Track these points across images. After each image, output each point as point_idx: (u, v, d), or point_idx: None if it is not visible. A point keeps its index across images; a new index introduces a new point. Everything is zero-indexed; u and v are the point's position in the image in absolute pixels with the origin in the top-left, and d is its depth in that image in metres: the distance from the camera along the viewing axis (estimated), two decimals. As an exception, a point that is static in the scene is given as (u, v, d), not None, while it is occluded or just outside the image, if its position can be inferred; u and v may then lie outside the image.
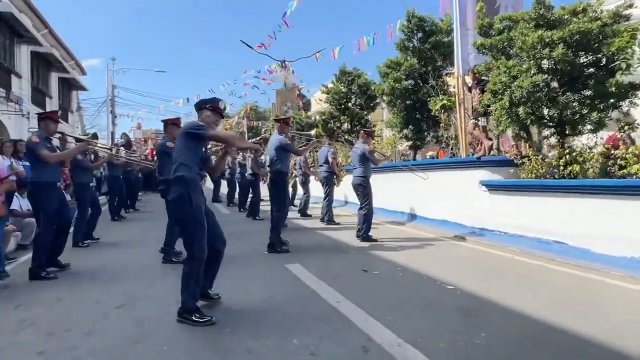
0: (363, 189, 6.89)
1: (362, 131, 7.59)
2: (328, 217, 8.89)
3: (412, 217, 8.78)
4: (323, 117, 16.04)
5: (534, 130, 7.10)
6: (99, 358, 2.75)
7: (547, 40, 5.94)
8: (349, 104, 15.43)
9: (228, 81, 38.88)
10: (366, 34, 13.40)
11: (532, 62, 6.18)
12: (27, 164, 6.01)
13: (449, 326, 3.20)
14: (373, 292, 4.13)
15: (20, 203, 6.65)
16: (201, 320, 3.27)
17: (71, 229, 6.89)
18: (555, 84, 6.23)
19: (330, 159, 9.16)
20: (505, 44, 6.72)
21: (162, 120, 6.11)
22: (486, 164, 6.95)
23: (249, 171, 10.36)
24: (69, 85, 22.12)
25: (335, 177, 9.40)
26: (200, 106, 3.72)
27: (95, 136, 8.36)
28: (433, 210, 8.14)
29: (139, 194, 13.93)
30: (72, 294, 4.13)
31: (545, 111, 6.31)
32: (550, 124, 6.46)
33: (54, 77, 19.43)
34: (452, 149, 10.34)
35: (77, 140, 6.58)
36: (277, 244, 6.02)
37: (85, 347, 2.91)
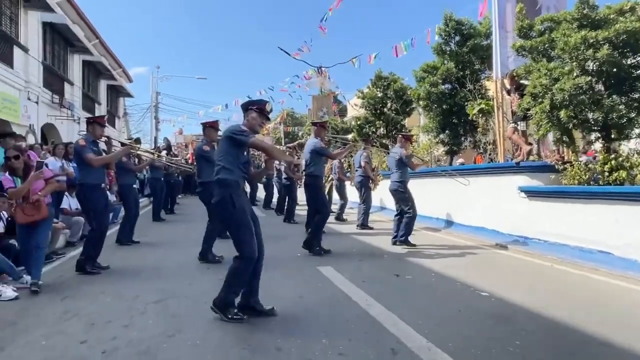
0: (401, 195, 6.79)
1: (399, 135, 7.47)
2: (362, 221, 8.85)
3: (449, 223, 8.61)
4: (358, 122, 16.06)
5: (577, 134, 6.82)
6: (136, 348, 2.88)
7: (592, 40, 5.72)
8: (385, 109, 15.37)
9: (266, 88, 39.54)
10: (403, 39, 13.30)
11: (574, 63, 5.96)
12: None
13: (482, 332, 3.14)
14: (405, 296, 4.09)
15: (70, 202, 7.05)
16: (234, 317, 3.34)
17: (116, 228, 7.24)
18: (600, 87, 5.98)
19: (362, 163, 9.10)
20: (547, 45, 6.52)
21: (202, 123, 6.34)
22: (525, 169, 6.72)
23: (284, 175, 10.48)
24: (116, 92, 23.21)
25: (370, 181, 9.34)
26: (247, 107, 3.69)
27: (138, 141, 8.74)
28: (470, 217, 7.95)
29: (179, 196, 14.35)
30: (113, 289, 4.32)
31: (590, 115, 6.06)
32: (595, 128, 6.20)
33: (102, 85, 20.47)
34: (490, 154, 10.09)
35: (122, 144, 6.91)
36: (313, 245, 6.02)
37: (124, 338, 3.05)
